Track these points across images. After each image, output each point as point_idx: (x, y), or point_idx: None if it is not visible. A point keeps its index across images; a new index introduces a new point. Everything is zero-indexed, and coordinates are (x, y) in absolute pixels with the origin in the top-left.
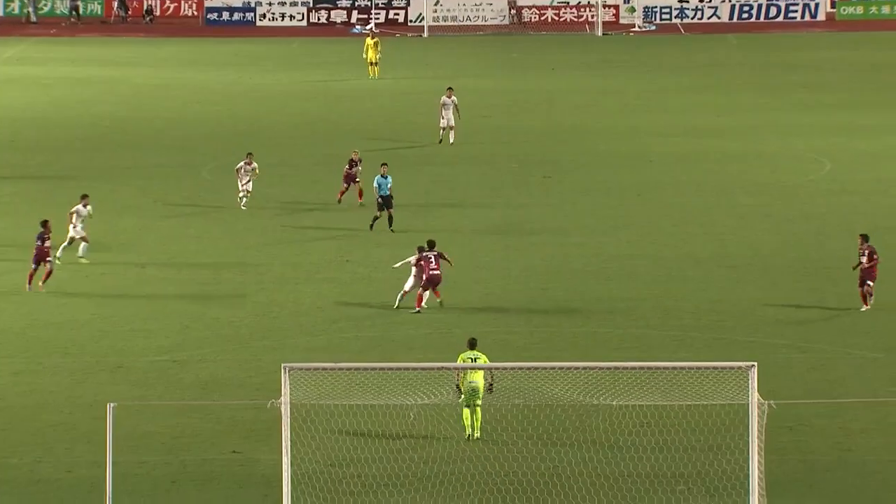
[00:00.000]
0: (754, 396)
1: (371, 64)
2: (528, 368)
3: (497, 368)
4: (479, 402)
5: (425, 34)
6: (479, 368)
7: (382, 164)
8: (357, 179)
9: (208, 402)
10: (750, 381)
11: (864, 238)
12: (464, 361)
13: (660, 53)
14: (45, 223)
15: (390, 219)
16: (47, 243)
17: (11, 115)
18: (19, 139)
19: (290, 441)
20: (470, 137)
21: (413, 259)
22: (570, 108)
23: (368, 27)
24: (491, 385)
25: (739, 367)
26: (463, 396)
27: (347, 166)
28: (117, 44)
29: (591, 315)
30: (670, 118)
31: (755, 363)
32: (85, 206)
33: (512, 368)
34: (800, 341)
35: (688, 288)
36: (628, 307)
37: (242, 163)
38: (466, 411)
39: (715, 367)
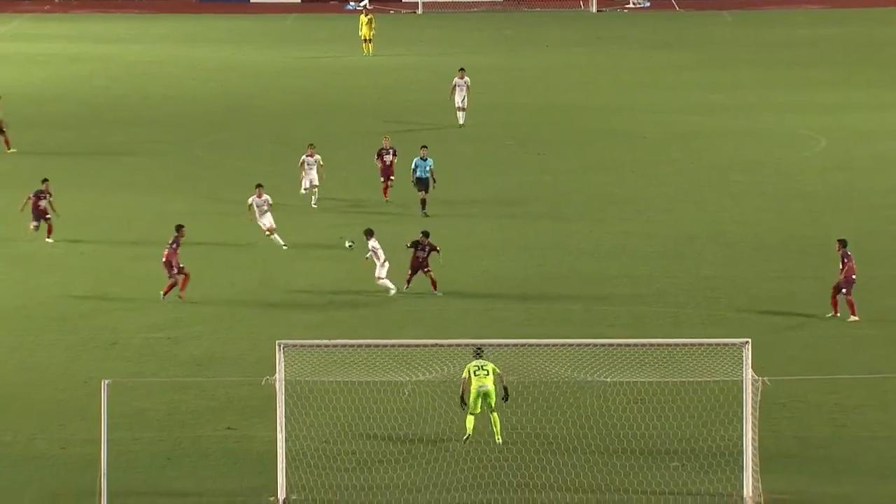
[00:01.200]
0: (748, 373)
1: (365, 41)
2: (523, 345)
3: (492, 345)
4: (493, 406)
5: (419, 11)
6: (468, 344)
7: (422, 147)
8: (392, 176)
9: (203, 378)
10: (744, 358)
11: (842, 243)
12: (472, 371)
13: (654, 30)
14: (179, 228)
15: (424, 202)
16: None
17: (5, 92)
18: (13, 115)
19: (285, 418)
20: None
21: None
22: (564, 86)
23: (363, 4)
24: (506, 392)
25: (733, 344)
26: (469, 406)
27: (377, 156)
28: (111, 20)
29: (585, 292)
30: (665, 95)
31: (749, 340)
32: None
33: (506, 345)
34: (794, 318)
35: (682, 265)
36: (622, 284)
37: (305, 155)
38: (471, 418)
39: (709, 344)
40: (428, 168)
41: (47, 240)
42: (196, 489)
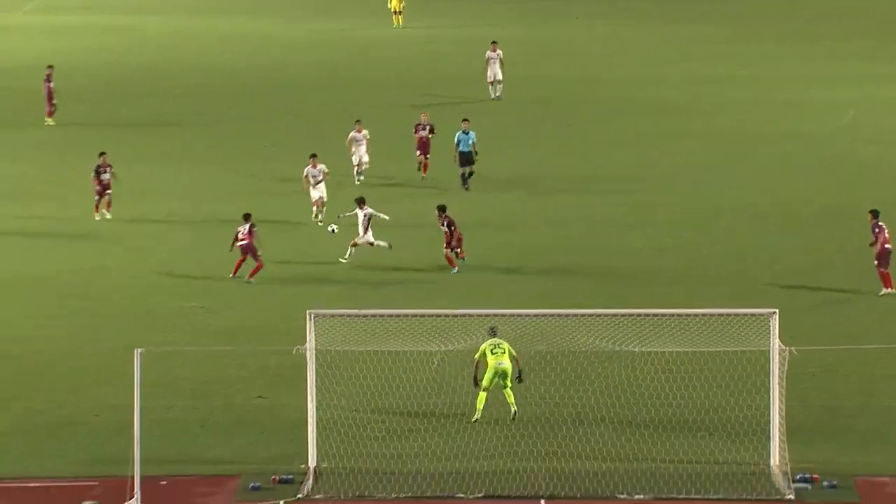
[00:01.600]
0: (776, 342)
1: (395, 13)
2: (551, 316)
3: (520, 316)
4: (509, 383)
5: None
6: (496, 314)
7: (464, 120)
8: (429, 153)
9: (235, 348)
10: (771, 328)
11: (874, 214)
12: (488, 350)
13: (683, 2)
14: (247, 216)
15: (469, 176)
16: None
17: (32, 64)
18: (40, 89)
19: (315, 387)
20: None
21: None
22: (592, 58)
23: None
24: (520, 374)
25: (761, 314)
26: (483, 384)
27: (415, 131)
28: None
29: (613, 264)
30: (693, 68)
31: (776, 310)
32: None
33: (535, 316)
34: (822, 288)
35: (709, 237)
36: (650, 256)
37: (353, 132)
38: (483, 395)
39: (737, 314)
40: (470, 142)
41: (106, 216)
42: (228, 456)
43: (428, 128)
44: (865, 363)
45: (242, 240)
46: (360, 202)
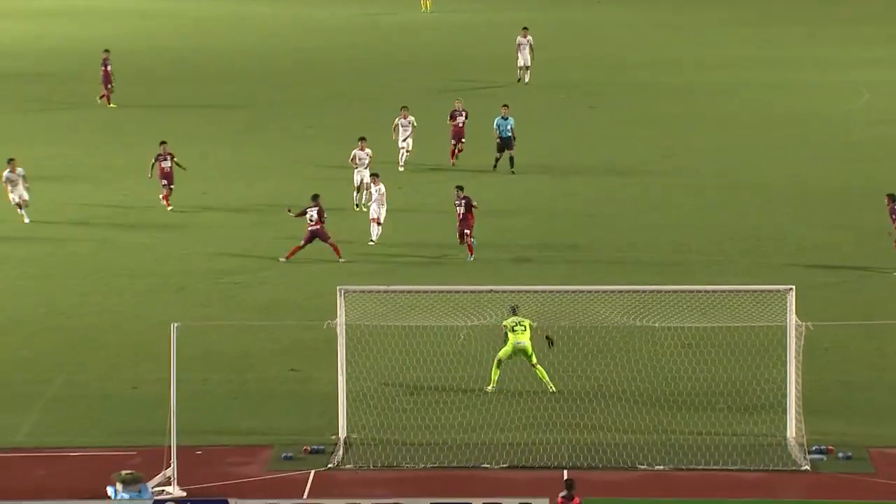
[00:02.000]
0: (792, 318)
1: None
2: (574, 291)
3: (545, 291)
4: (534, 361)
5: None
6: (521, 290)
7: (503, 106)
8: (463, 139)
9: (268, 322)
10: (788, 304)
11: (892, 198)
12: (509, 327)
13: None
14: (315, 197)
15: (511, 160)
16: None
17: (78, 47)
18: (87, 71)
19: (346, 360)
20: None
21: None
22: (614, 40)
23: None
24: (550, 340)
25: (778, 290)
26: (499, 355)
27: (450, 118)
28: None
29: (634, 241)
30: (712, 51)
31: (793, 286)
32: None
33: (558, 291)
34: (837, 265)
35: (727, 214)
36: (670, 233)
37: (399, 118)
38: (498, 371)
39: (754, 291)
40: (509, 127)
41: (167, 208)
42: (261, 427)
43: (464, 114)
44: (878, 338)
45: (313, 224)
46: (375, 177)
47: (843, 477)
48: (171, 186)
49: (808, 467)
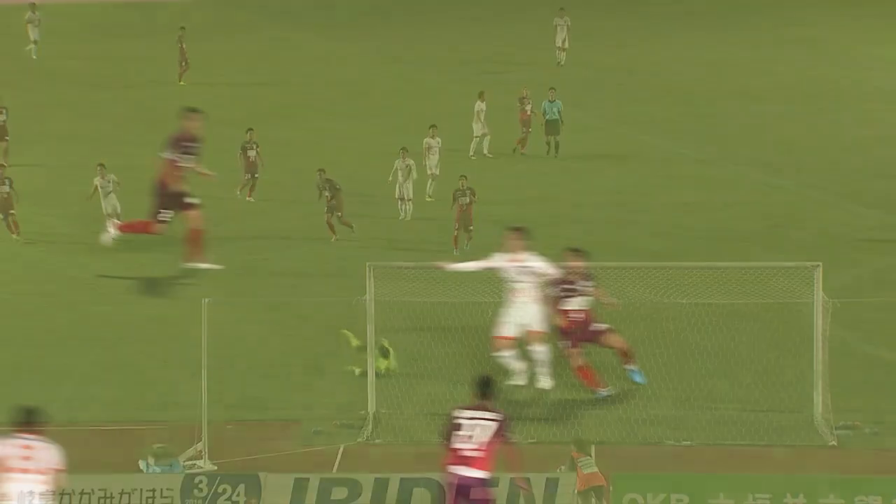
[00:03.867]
0: (819, 295)
1: None
2: (601, 267)
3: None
4: None
5: None
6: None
7: (550, 89)
8: (529, 127)
9: (298, 298)
10: (815, 281)
11: None
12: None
13: None
14: None
15: (556, 146)
16: None
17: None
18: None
19: (374, 335)
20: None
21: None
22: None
23: None
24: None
25: (805, 267)
26: None
27: (520, 104)
28: None
29: (661, 218)
30: (741, 33)
31: (820, 263)
32: None
33: (585, 268)
34: (864, 241)
35: (755, 192)
36: (697, 211)
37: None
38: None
39: (781, 267)
40: (556, 110)
41: (248, 199)
42: (291, 402)
43: (531, 103)
44: None
45: None
46: (403, 152)
47: (871, 452)
48: (256, 177)
49: (835, 443)
